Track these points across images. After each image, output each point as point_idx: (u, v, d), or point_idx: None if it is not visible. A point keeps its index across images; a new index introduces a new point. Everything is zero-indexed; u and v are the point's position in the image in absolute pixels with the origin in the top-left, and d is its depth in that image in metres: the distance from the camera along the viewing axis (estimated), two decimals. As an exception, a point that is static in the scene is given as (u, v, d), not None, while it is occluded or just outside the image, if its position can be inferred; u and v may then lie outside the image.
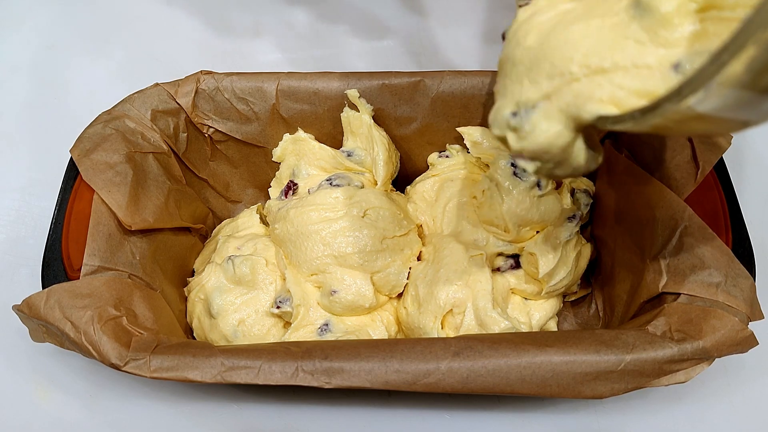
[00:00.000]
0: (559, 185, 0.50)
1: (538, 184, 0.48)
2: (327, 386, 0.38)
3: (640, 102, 0.27)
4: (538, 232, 0.49)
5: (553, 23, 0.32)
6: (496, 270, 0.49)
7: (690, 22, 0.27)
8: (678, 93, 0.23)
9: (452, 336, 0.42)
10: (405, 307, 0.48)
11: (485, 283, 0.46)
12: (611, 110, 0.27)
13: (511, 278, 0.49)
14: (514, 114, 0.31)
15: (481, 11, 0.67)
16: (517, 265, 0.49)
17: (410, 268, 0.50)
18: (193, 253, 0.54)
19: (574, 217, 0.49)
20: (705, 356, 0.37)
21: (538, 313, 0.49)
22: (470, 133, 0.52)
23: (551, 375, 0.37)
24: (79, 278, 0.42)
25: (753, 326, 0.38)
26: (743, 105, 0.22)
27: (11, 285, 0.53)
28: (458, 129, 0.53)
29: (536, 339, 0.38)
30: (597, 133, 0.33)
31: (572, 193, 0.50)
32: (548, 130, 0.30)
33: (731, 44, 0.20)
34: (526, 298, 0.50)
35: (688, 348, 0.37)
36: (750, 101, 0.21)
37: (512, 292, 0.50)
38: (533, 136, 0.30)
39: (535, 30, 0.32)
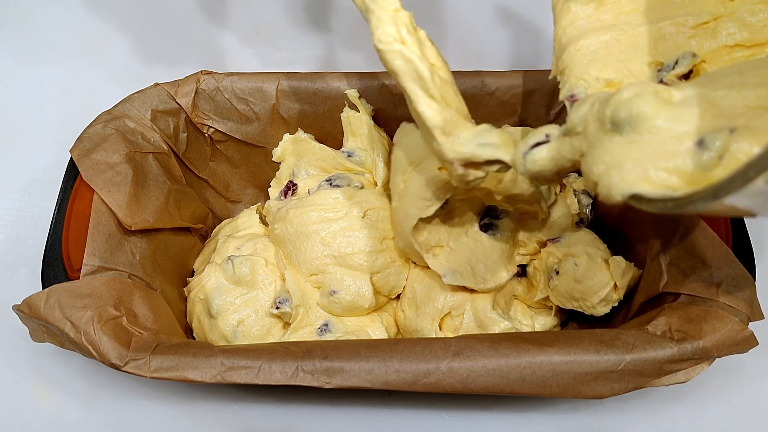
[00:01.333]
0: (562, 188, 0.50)
1: None
2: (327, 386, 0.38)
3: (671, 178, 0.25)
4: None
5: None
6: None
7: (683, 110, 0.26)
8: (713, 194, 0.22)
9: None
10: (402, 310, 0.48)
11: (485, 283, 0.46)
12: (644, 188, 0.26)
13: (517, 286, 0.49)
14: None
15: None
16: (522, 274, 0.49)
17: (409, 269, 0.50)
18: (193, 253, 0.54)
19: (581, 221, 0.49)
20: (705, 356, 0.37)
21: (542, 318, 0.49)
22: None
23: (551, 375, 0.37)
24: (79, 278, 0.42)
25: (753, 326, 0.38)
26: None
27: (11, 285, 0.53)
28: None
29: (536, 339, 0.38)
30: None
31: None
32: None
33: (756, 164, 0.20)
34: (530, 306, 0.49)
35: (688, 348, 0.37)
36: None
37: (515, 299, 0.49)
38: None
39: None
